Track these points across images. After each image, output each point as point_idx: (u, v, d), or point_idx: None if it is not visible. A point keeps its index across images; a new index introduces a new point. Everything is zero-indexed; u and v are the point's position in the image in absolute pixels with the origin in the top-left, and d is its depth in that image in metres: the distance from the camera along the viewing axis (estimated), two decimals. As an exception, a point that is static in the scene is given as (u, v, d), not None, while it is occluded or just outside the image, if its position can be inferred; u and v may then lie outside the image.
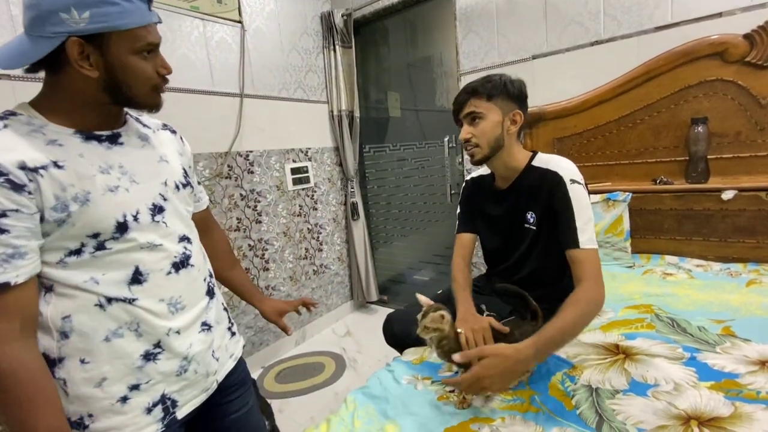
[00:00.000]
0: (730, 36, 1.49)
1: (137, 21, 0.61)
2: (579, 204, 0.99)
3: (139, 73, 0.64)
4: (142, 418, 0.68)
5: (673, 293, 1.30)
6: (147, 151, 0.73)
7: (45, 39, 0.57)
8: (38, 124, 0.61)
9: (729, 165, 1.56)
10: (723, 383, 0.83)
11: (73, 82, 0.62)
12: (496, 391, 0.87)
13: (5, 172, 0.55)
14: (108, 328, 0.65)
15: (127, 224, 0.65)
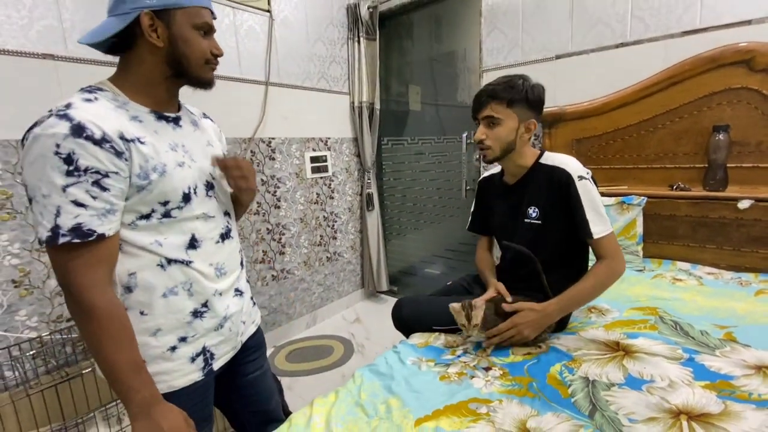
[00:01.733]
0: (759, 44, 1.48)
1: (197, 1, 0.72)
2: (588, 197, 1.06)
3: (196, 46, 0.74)
4: (187, 365, 0.78)
5: (681, 298, 1.32)
6: (198, 135, 0.84)
7: (124, 15, 0.68)
8: (122, 101, 0.71)
9: (749, 174, 1.55)
10: (717, 383, 0.86)
11: (143, 56, 0.72)
12: (529, 337, 1.04)
13: (110, 139, 0.64)
14: (166, 285, 0.74)
15: (190, 196, 0.75)
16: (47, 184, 0.61)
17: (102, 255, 0.66)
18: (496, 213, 1.28)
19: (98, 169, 0.63)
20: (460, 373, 0.96)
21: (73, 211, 0.62)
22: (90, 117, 0.63)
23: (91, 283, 0.64)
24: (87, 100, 0.67)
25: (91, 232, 0.63)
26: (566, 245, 1.12)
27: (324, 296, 2.68)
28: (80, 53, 1.51)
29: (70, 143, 0.61)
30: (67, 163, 0.61)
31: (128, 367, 0.66)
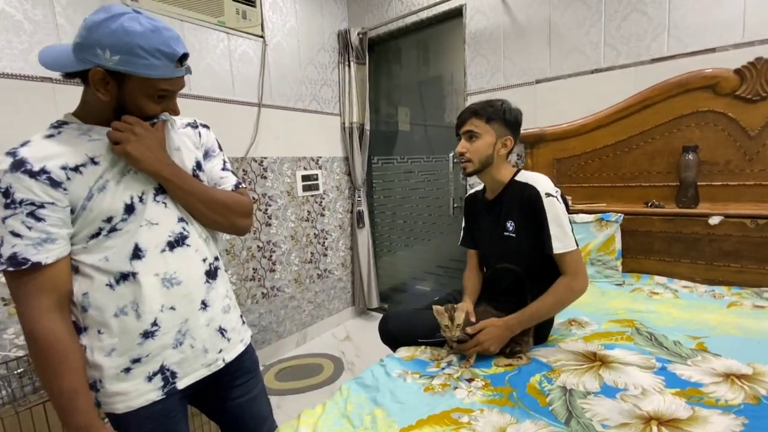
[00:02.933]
0: (722, 70, 1.58)
1: (159, 74, 0.70)
2: (553, 214, 1.12)
3: (143, 110, 0.74)
4: (144, 385, 0.77)
5: (657, 311, 1.37)
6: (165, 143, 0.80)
7: (79, 61, 0.68)
8: (86, 128, 0.74)
9: (718, 192, 1.64)
10: (687, 391, 0.90)
11: (93, 97, 0.72)
12: (494, 351, 1.11)
13: (48, 170, 0.67)
14: (116, 305, 0.75)
15: (133, 205, 0.75)
16: None
17: (41, 283, 0.68)
18: (480, 227, 1.34)
19: (32, 201, 0.66)
20: (443, 384, 0.99)
21: (11, 241, 0.66)
22: (35, 152, 0.67)
23: (29, 311, 0.68)
24: (48, 136, 0.71)
25: (25, 260, 0.66)
26: (539, 258, 1.18)
27: (314, 314, 2.69)
28: (78, 77, 1.56)
29: (8, 178, 0.65)
30: (5, 196, 0.65)
31: (64, 395, 0.69)
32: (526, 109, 2.07)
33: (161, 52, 0.68)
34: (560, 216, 1.13)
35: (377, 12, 2.66)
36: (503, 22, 2.14)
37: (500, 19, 2.15)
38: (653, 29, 1.74)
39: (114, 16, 0.66)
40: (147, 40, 0.67)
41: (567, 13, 1.94)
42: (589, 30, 1.90)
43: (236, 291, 2.20)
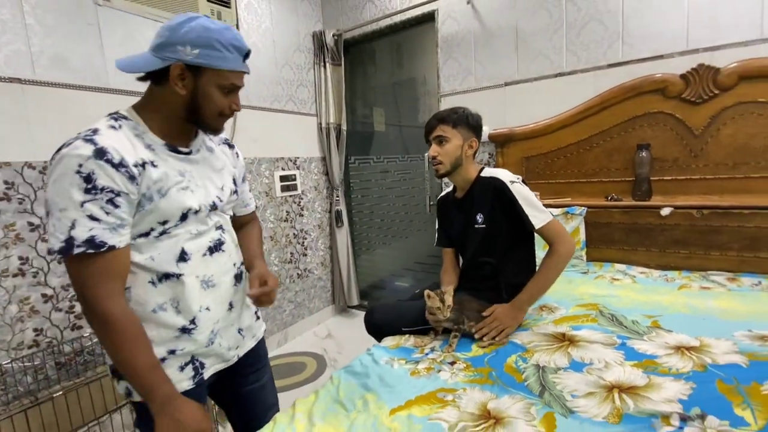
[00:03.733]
0: (670, 75, 1.74)
1: (230, 66, 0.78)
2: (522, 196, 1.24)
3: (214, 102, 0.80)
4: (177, 374, 0.83)
5: (617, 294, 1.50)
6: (210, 163, 0.90)
7: (160, 59, 0.75)
8: (141, 131, 0.79)
9: (668, 186, 1.80)
10: (644, 362, 1.01)
11: (166, 95, 0.79)
12: (511, 327, 1.20)
13: (126, 164, 0.72)
14: (156, 302, 0.80)
15: (188, 216, 0.82)
16: (66, 199, 0.67)
17: (114, 267, 0.72)
18: (452, 225, 1.43)
19: (113, 189, 0.70)
20: (428, 368, 1.06)
21: (87, 225, 0.68)
22: (112, 143, 0.71)
23: (105, 293, 0.70)
24: (112, 127, 0.75)
25: (102, 243, 0.69)
26: (510, 242, 1.29)
27: (295, 313, 2.70)
28: (47, 77, 1.53)
29: (91, 164, 0.68)
30: (87, 181, 0.68)
31: (146, 369, 0.73)
32: (496, 110, 2.21)
33: (234, 47, 0.77)
34: (528, 197, 1.25)
35: (351, 14, 2.71)
36: (473, 27, 2.25)
37: (470, 24, 2.25)
38: (609, 37, 1.89)
39: (190, 18, 0.75)
40: (222, 35, 0.75)
41: (532, 20, 2.06)
42: (552, 36, 2.03)
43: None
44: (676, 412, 0.80)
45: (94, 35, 1.66)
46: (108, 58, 1.70)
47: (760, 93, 1.57)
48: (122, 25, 1.75)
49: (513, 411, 0.87)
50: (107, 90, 1.70)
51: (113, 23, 1.72)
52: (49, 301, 1.56)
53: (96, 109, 1.67)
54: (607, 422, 0.80)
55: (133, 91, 1.78)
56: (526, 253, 1.32)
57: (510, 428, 0.81)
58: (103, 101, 1.69)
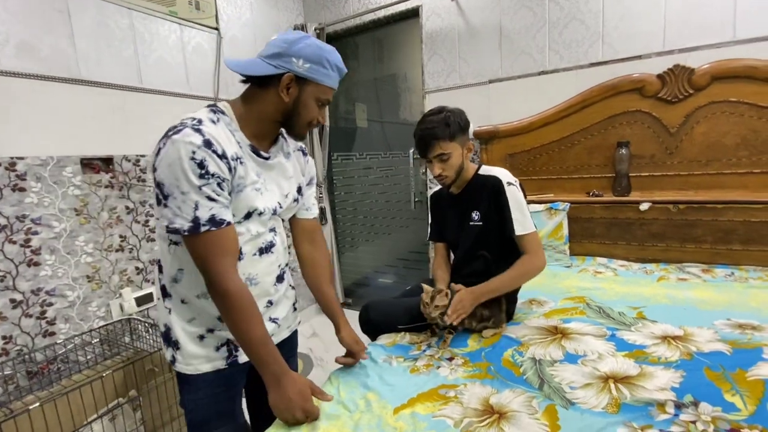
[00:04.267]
0: (647, 75, 1.81)
1: (330, 84, 0.88)
2: (514, 200, 1.25)
3: (309, 112, 0.88)
4: (213, 353, 0.90)
5: (601, 287, 1.55)
6: (283, 170, 0.95)
7: (272, 66, 0.82)
8: (233, 128, 0.84)
9: (646, 181, 1.87)
10: (634, 353, 1.05)
11: (268, 98, 0.85)
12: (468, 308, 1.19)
13: (226, 156, 0.78)
14: (202, 290, 0.84)
15: (252, 215, 0.87)
16: (185, 183, 0.73)
17: (230, 242, 0.79)
18: (447, 221, 1.43)
19: (219, 175, 0.77)
20: (427, 365, 1.06)
21: (207, 205, 0.76)
22: (214, 135, 0.78)
23: (224, 270, 0.77)
24: (211, 120, 0.81)
25: (222, 220, 0.77)
26: (504, 242, 1.29)
27: (279, 313, 2.64)
28: (13, 67, 1.42)
29: (202, 152, 0.74)
30: (200, 167, 0.74)
31: (258, 341, 0.80)
32: (481, 107, 2.23)
33: (338, 68, 0.87)
34: (520, 202, 1.26)
35: (333, 8, 2.67)
36: (458, 24, 2.25)
37: (455, 21, 2.26)
38: (590, 37, 1.94)
39: (305, 36, 0.84)
40: (331, 56, 0.85)
41: (516, 18, 2.09)
42: (535, 35, 2.06)
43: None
44: (670, 399, 0.84)
45: (63, 22, 1.55)
46: (79, 47, 1.60)
47: (732, 93, 1.66)
48: (94, 13, 1.64)
49: (515, 405, 0.88)
50: (78, 81, 1.60)
51: (84, 10, 1.61)
52: (18, 306, 1.46)
53: (66, 101, 1.57)
54: (606, 412, 0.83)
55: (105, 83, 1.68)
56: (516, 251, 1.33)
57: (514, 422, 0.82)
58: (74, 93, 1.59)
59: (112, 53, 1.70)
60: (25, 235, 1.47)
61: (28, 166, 1.47)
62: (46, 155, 1.51)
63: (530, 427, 0.80)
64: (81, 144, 1.62)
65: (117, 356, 1.59)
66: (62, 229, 1.57)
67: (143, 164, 1.83)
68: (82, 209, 1.63)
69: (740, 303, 1.31)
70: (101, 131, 1.69)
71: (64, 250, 1.57)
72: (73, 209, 1.60)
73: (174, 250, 0.85)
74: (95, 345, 1.62)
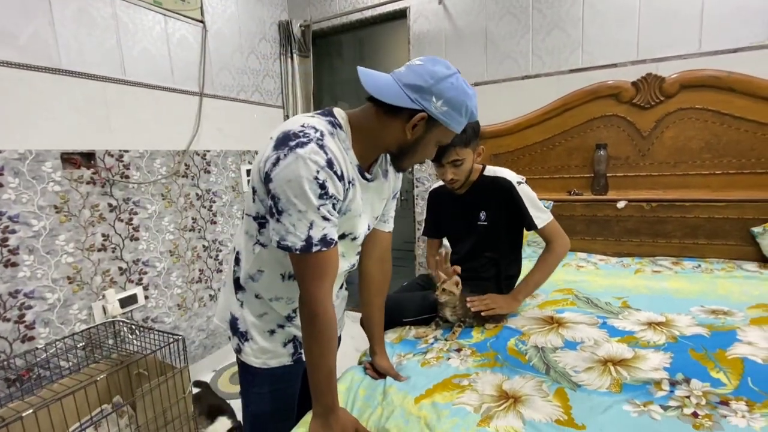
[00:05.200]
0: (623, 82, 1.94)
1: (457, 128, 0.80)
2: (528, 198, 1.31)
3: (426, 153, 0.85)
4: (280, 349, 0.91)
5: (586, 280, 1.65)
6: (379, 193, 0.92)
7: (409, 99, 0.74)
8: (346, 146, 0.79)
9: (622, 181, 2.01)
10: (625, 338, 1.13)
11: (392, 127, 0.79)
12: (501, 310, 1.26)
13: (344, 178, 0.76)
14: (276, 293, 0.87)
15: (345, 237, 0.86)
16: (305, 202, 0.70)
17: (332, 266, 0.76)
18: (449, 219, 1.47)
19: (336, 197, 0.74)
20: (437, 357, 1.10)
21: (321, 224, 0.73)
22: (335, 153, 0.74)
23: (322, 294, 0.75)
24: (331, 134, 0.75)
25: (332, 240, 0.75)
26: (508, 241, 1.35)
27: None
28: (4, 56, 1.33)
29: (325, 173, 0.71)
30: (322, 188, 0.71)
31: (327, 372, 0.78)
32: (467, 108, 2.30)
33: (471, 115, 0.79)
34: (533, 198, 1.32)
35: (319, 5, 2.66)
36: (445, 27, 2.31)
37: (442, 24, 2.31)
38: (571, 44, 2.05)
39: (454, 74, 0.76)
40: (471, 102, 0.78)
41: (501, 24, 2.18)
42: (519, 41, 2.15)
43: (182, 294, 2.05)
44: (665, 378, 0.92)
45: (43, 9, 1.47)
46: (60, 35, 1.51)
47: (698, 100, 1.81)
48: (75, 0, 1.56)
49: (527, 389, 0.93)
50: (59, 71, 1.51)
51: (64, -4, 1.53)
52: (-8, 310, 1.36)
53: (46, 91, 1.48)
54: (611, 392, 0.90)
55: (87, 74, 1.60)
56: (517, 246, 1.39)
57: (529, 405, 0.87)
58: (54, 83, 1.50)
59: (95, 43, 1.62)
60: (1, 234, 1.38)
61: (5, 160, 1.38)
62: (24, 149, 1.43)
63: (545, 409, 0.86)
64: (61, 138, 1.54)
65: (102, 361, 1.52)
66: (41, 227, 1.48)
67: (126, 159, 1.75)
68: (63, 206, 1.54)
69: (710, 291, 1.45)
70: (83, 124, 1.60)
71: (43, 249, 1.49)
72: (53, 206, 1.51)
73: (258, 250, 0.83)
74: (77, 350, 1.54)
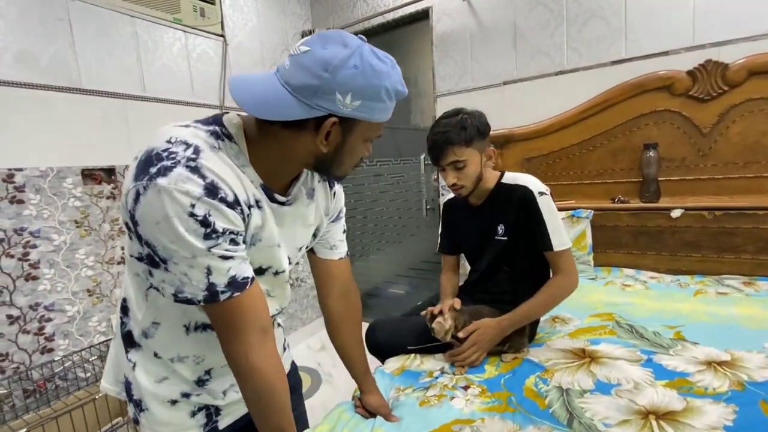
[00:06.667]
0: (676, 72, 1.68)
1: (386, 117, 0.62)
2: (548, 212, 1.11)
3: (356, 155, 0.66)
4: (187, 419, 0.72)
5: (632, 302, 1.42)
6: (303, 218, 0.74)
7: (309, 108, 0.55)
8: (242, 162, 0.61)
9: (677, 186, 1.73)
10: (676, 381, 0.92)
11: (295, 141, 0.61)
12: (486, 350, 1.10)
13: (240, 203, 0.59)
14: (178, 352, 0.69)
15: (265, 272, 0.70)
16: (187, 247, 0.54)
17: (257, 310, 0.62)
18: (464, 233, 1.32)
19: (231, 230, 0.58)
20: (439, 395, 0.96)
21: (223, 266, 0.57)
22: (219, 173, 0.56)
23: (244, 349, 0.61)
24: (213, 147, 0.58)
25: (245, 279, 0.60)
26: (531, 258, 1.17)
27: (287, 325, 2.57)
28: (12, 77, 1.39)
29: (205, 205, 0.54)
30: (204, 225, 0.54)
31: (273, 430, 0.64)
32: (495, 110, 2.13)
33: (397, 92, 0.60)
34: (556, 214, 1.13)
35: (342, 13, 2.61)
36: (469, 25, 2.16)
37: (466, 21, 2.17)
38: (612, 33, 1.82)
39: (355, 51, 0.55)
40: (390, 79, 0.58)
41: (531, 16, 1.99)
42: (552, 33, 1.95)
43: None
44: (725, 443, 0.71)
45: (64, 31, 1.52)
46: (80, 56, 1.56)
47: (772, 89, 1.52)
48: (96, 21, 1.61)
49: (541, 446, 0.77)
50: (79, 91, 1.56)
51: (86, 18, 1.58)
52: (15, 322, 1.41)
53: (66, 111, 1.53)
54: (650, 458, 0.71)
55: (106, 92, 1.64)
56: (543, 267, 1.19)
57: (541, 468, 0.71)
58: (75, 102, 1.55)
59: (114, 61, 1.67)
60: (23, 249, 1.43)
61: (27, 177, 1.43)
62: (45, 166, 1.48)
63: (560, 476, 0.69)
64: (82, 154, 1.58)
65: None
66: (62, 241, 1.52)
67: (146, 174, 1.78)
68: (83, 221, 1.58)
69: (793, 322, 1.17)
70: (103, 141, 1.65)
71: (63, 263, 1.53)
72: (74, 221, 1.56)
73: (153, 295, 0.65)
74: (94, 362, 1.56)
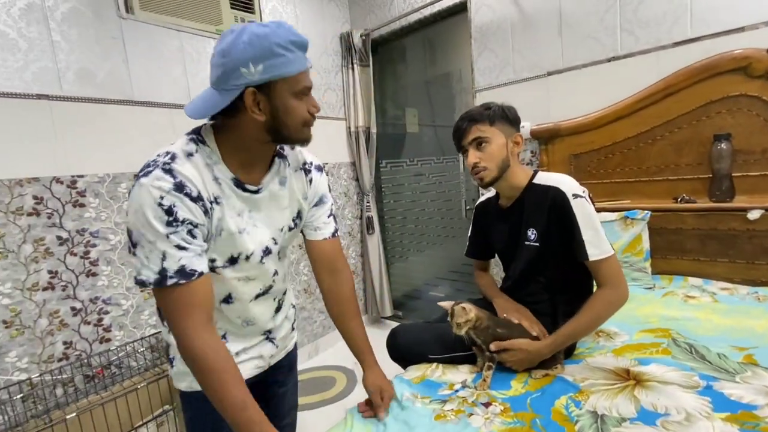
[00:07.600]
0: (754, 50, 1.44)
1: (297, 68, 0.70)
2: (584, 217, 1.00)
3: (296, 113, 0.73)
4: None
5: (695, 317, 1.24)
6: (277, 201, 0.84)
7: (227, 91, 0.68)
8: (214, 160, 0.74)
9: (756, 183, 1.49)
10: (739, 415, 0.78)
11: (243, 124, 0.73)
12: (522, 367, 1.03)
13: (202, 198, 0.70)
14: None
15: (237, 259, 0.79)
16: (151, 231, 0.65)
17: (198, 298, 0.70)
18: (495, 237, 1.24)
19: (191, 221, 0.68)
20: (457, 410, 0.90)
21: (176, 255, 0.67)
22: (188, 175, 0.69)
23: (191, 327, 0.69)
24: (188, 154, 0.71)
25: (193, 271, 0.69)
26: (568, 267, 1.06)
27: (326, 324, 2.61)
28: (74, 93, 1.54)
29: (172, 197, 0.66)
30: (168, 214, 0.66)
31: (236, 406, 0.69)
32: (539, 103, 1.99)
33: (293, 43, 0.69)
34: (593, 219, 1.00)
35: (379, 12, 2.59)
36: (510, 14, 2.04)
37: (507, 10, 2.04)
38: (674, 11, 1.61)
39: (238, 33, 0.67)
40: (278, 36, 0.67)
41: (578, 0, 1.82)
42: (603, 16, 1.77)
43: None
44: (798, 499, 0.58)
45: (118, 48, 1.66)
46: (132, 71, 1.69)
47: None
48: (146, 37, 1.74)
49: (563, 479, 0.68)
50: (132, 102, 1.70)
51: (137, 36, 1.71)
52: (78, 314, 1.57)
53: (120, 121, 1.67)
54: (695, 507, 0.60)
55: (156, 102, 1.77)
56: (584, 275, 1.07)
57: (559, 506, 0.63)
58: (127, 113, 1.69)
59: (163, 74, 1.79)
60: (84, 248, 1.58)
61: (87, 183, 1.58)
62: (102, 173, 1.62)
63: None
64: (134, 161, 1.71)
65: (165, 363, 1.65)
66: (117, 241, 1.66)
67: (192, 178, 1.89)
68: (136, 223, 1.72)
69: None
70: (152, 148, 1.74)
71: (118, 261, 1.67)
72: (127, 223, 1.69)
73: None
74: (144, 353, 1.69)
